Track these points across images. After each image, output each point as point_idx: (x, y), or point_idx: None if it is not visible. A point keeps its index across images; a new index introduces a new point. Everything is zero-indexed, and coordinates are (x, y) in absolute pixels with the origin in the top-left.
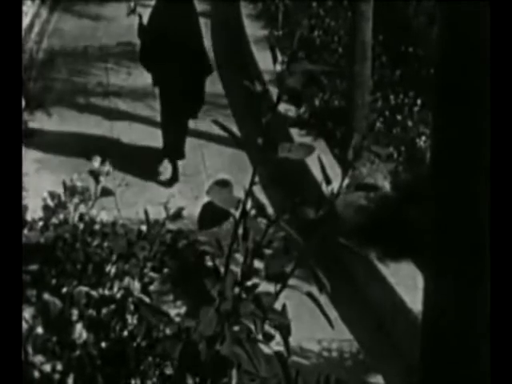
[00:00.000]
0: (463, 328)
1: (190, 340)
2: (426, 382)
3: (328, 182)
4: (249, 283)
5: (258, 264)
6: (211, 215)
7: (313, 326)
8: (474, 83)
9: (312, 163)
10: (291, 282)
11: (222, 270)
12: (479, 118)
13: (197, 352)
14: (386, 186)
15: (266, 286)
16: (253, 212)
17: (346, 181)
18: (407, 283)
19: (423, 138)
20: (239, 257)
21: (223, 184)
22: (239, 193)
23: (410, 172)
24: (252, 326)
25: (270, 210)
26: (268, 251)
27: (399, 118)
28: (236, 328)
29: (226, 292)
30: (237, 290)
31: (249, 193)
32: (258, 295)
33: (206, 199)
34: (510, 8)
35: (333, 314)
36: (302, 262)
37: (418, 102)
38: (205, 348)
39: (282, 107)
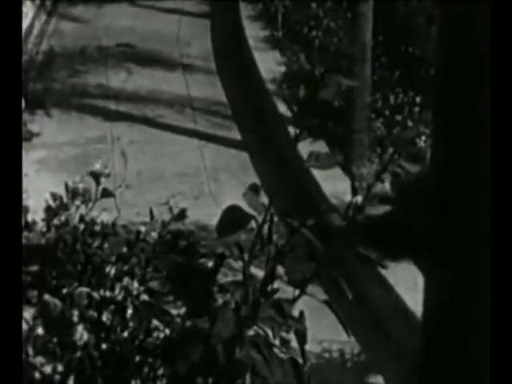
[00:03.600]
0: (463, 328)
1: (208, 342)
2: (426, 382)
3: (355, 193)
4: (269, 288)
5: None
6: (234, 220)
7: (313, 326)
8: (474, 83)
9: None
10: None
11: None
12: (479, 118)
13: (215, 355)
14: (386, 186)
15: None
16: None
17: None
18: (407, 283)
19: (423, 137)
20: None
21: (255, 189)
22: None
23: (410, 172)
24: (269, 331)
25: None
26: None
27: (399, 118)
28: (253, 331)
29: (248, 296)
30: (257, 294)
31: (272, 199)
32: (278, 301)
33: (206, 199)
34: (510, 8)
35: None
36: (322, 270)
37: (418, 102)
38: (222, 351)
39: (282, 108)
